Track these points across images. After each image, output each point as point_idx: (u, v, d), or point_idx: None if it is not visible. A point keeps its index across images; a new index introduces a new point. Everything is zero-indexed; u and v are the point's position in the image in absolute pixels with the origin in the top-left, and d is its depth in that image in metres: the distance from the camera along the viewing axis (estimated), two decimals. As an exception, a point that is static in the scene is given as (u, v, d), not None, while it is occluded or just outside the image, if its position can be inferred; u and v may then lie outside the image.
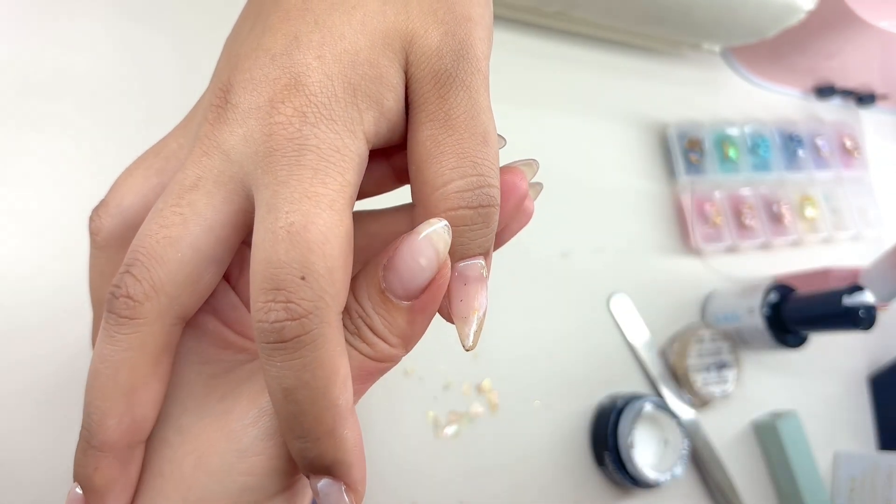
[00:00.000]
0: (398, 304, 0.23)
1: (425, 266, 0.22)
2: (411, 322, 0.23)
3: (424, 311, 0.23)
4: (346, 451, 0.22)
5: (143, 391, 0.23)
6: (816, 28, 0.72)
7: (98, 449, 0.23)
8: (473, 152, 0.23)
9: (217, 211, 0.22)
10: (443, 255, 0.22)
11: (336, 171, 0.21)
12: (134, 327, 0.22)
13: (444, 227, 0.22)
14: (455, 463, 0.55)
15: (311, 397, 0.21)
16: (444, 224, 0.22)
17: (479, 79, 0.24)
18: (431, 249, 0.22)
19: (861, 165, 0.83)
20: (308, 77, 0.22)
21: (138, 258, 0.22)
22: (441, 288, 0.23)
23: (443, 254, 0.22)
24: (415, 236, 0.22)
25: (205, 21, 0.55)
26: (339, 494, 0.23)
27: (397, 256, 0.23)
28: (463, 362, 0.57)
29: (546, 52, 0.72)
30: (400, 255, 0.23)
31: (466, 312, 0.24)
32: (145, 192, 0.26)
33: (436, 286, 0.23)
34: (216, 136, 0.22)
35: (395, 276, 0.23)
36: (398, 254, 0.23)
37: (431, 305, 0.23)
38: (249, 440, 0.23)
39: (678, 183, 0.72)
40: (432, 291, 0.23)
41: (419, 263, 0.22)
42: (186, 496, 0.23)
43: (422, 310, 0.23)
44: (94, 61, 0.51)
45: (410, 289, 0.23)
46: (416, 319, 0.23)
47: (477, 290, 0.24)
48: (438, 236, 0.22)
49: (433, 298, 0.23)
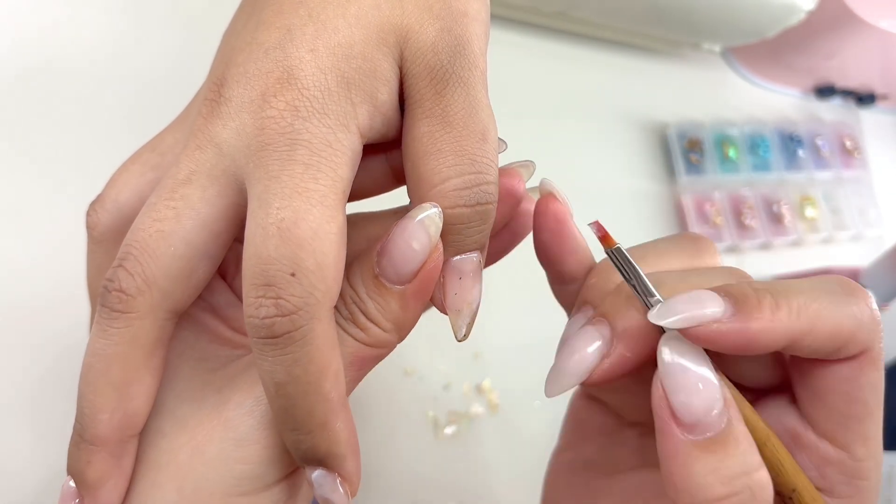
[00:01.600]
0: (391, 289, 0.23)
1: (418, 250, 0.23)
2: (404, 307, 0.24)
3: (417, 296, 0.24)
4: (339, 444, 0.22)
5: (136, 385, 0.23)
6: (816, 28, 0.72)
7: (90, 443, 0.23)
8: (472, 149, 0.23)
9: (210, 205, 0.22)
10: (435, 238, 0.23)
11: (328, 166, 0.21)
12: (126, 321, 0.22)
13: (436, 212, 0.23)
14: (455, 463, 0.54)
15: (302, 391, 0.21)
16: (436, 209, 0.23)
17: (477, 75, 0.24)
18: (424, 233, 0.22)
19: (861, 165, 0.83)
20: (301, 70, 0.22)
21: (131, 252, 0.22)
22: (433, 272, 0.23)
23: (435, 237, 0.23)
24: (408, 221, 0.22)
25: (202, 16, 0.55)
26: (333, 485, 0.23)
27: (390, 241, 0.23)
28: (463, 362, 0.57)
29: (546, 52, 0.71)
30: (393, 240, 0.23)
31: (460, 305, 0.24)
32: (141, 186, 0.26)
33: (428, 270, 0.23)
34: (209, 129, 0.22)
35: (389, 260, 0.23)
36: (391, 239, 0.23)
37: (424, 289, 0.24)
38: (246, 429, 0.23)
39: (678, 183, 0.72)
40: (424, 275, 0.23)
41: (412, 247, 0.22)
42: (182, 486, 0.23)
43: (415, 294, 0.23)
44: (91, 56, 0.51)
45: (403, 273, 0.23)
46: (410, 304, 0.24)
47: (471, 283, 0.24)
48: (431, 220, 0.22)
49: (426, 282, 0.23)
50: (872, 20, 0.71)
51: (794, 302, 0.22)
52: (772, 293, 0.22)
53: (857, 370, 0.23)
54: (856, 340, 0.22)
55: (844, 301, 0.22)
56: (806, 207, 0.77)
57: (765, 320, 0.22)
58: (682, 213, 0.72)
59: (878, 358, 0.23)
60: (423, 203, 0.23)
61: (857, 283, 0.23)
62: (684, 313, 0.22)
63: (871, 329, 0.22)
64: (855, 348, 0.23)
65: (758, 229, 0.73)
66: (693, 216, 0.71)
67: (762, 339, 0.22)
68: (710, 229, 0.71)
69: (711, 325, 0.22)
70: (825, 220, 0.78)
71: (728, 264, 0.27)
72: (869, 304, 0.23)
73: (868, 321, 0.22)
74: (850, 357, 0.23)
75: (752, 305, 0.22)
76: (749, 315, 0.22)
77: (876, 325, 0.23)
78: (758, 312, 0.22)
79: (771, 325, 0.22)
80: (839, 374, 0.23)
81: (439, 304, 0.25)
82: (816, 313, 0.22)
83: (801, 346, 0.22)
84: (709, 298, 0.22)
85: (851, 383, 0.23)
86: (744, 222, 0.73)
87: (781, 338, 0.22)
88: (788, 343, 0.22)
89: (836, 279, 0.23)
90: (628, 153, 0.73)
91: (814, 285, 0.23)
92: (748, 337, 0.22)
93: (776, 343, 0.22)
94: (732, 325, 0.22)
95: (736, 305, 0.22)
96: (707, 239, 0.28)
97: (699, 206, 0.72)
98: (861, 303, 0.22)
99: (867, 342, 0.23)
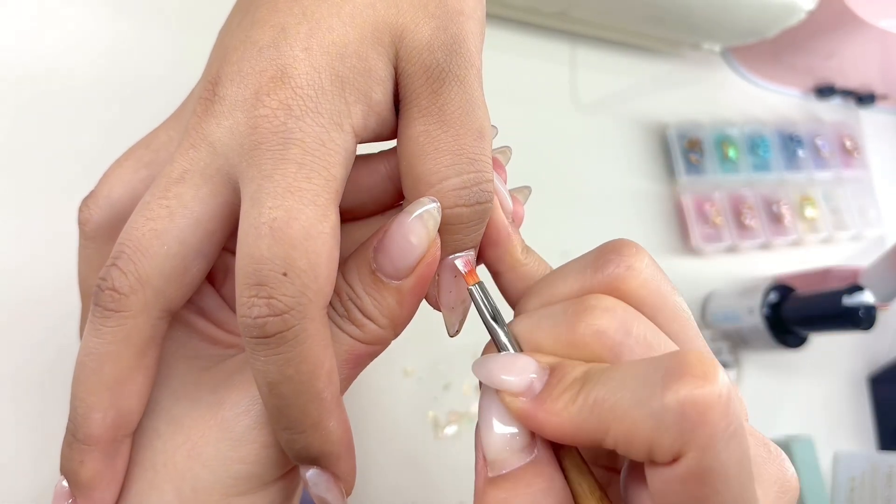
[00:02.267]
0: (388, 284, 0.23)
1: (416, 244, 0.23)
2: (401, 303, 0.23)
3: (414, 291, 0.24)
4: (333, 443, 0.22)
5: (129, 384, 0.23)
6: (816, 28, 0.72)
7: (83, 442, 0.23)
8: (470, 148, 0.23)
9: (204, 204, 0.22)
10: (433, 233, 0.23)
11: (321, 165, 0.21)
12: (119, 320, 0.22)
13: (435, 207, 0.22)
14: (455, 463, 0.54)
15: (295, 391, 0.21)
16: (435, 204, 0.22)
17: (473, 73, 0.23)
18: (422, 228, 0.22)
19: (861, 165, 0.83)
20: (294, 69, 0.22)
21: (124, 251, 0.22)
22: (430, 266, 0.23)
23: (433, 232, 0.23)
24: (406, 216, 0.22)
25: (197, 14, 0.55)
26: (328, 484, 0.23)
27: (388, 236, 0.23)
28: (463, 362, 0.57)
29: (546, 52, 0.71)
30: (391, 235, 0.23)
31: (454, 303, 0.24)
32: (134, 183, 0.26)
33: (425, 265, 0.23)
34: (203, 128, 0.22)
35: (386, 255, 0.23)
36: (389, 234, 0.23)
37: (421, 285, 0.24)
38: (242, 429, 0.23)
39: (678, 183, 0.72)
40: (422, 270, 0.23)
41: (410, 242, 0.22)
42: (180, 487, 0.23)
43: (411, 290, 0.23)
44: (85, 54, 0.51)
45: (401, 267, 0.23)
46: (406, 300, 0.24)
47: (465, 282, 0.24)
48: (429, 215, 0.22)
49: (423, 277, 0.23)
50: (872, 20, 0.71)
51: (594, 395, 0.19)
52: (587, 380, 0.20)
53: (673, 478, 0.18)
54: (658, 445, 0.18)
55: (649, 395, 0.18)
56: (806, 207, 0.77)
57: (551, 413, 0.20)
58: (681, 213, 0.72)
59: (697, 466, 0.17)
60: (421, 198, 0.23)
61: (694, 366, 0.18)
62: (490, 376, 0.21)
63: (680, 431, 0.17)
64: (661, 453, 0.18)
65: (758, 229, 0.73)
66: (693, 216, 0.71)
67: (549, 431, 0.20)
68: (710, 229, 0.71)
69: (505, 397, 0.21)
70: (825, 220, 0.78)
71: (650, 268, 0.23)
72: (683, 397, 0.17)
73: (673, 419, 0.17)
74: (664, 463, 0.18)
75: (550, 393, 0.20)
76: (542, 402, 0.20)
77: (689, 424, 0.17)
78: (551, 403, 0.20)
79: (557, 419, 0.20)
80: (654, 479, 0.19)
81: (433, 301, 0.25)
82: (611, 412, 0.19)
83: (610, 446, 0.19)
84: (520, 369, 0.21)
85: (667, 490, 0.18)
86: (744, 222, 0.73)
87: (570, 436, 0.20)
88: (588, 442, 0.20)
89: (670, 359, 0.18)
90: (628, 153, 0.72)
91: (632, 372, 0.19)
92: (537, 425, 0.20)
93: (568, 439, 0.20)
94: (524, 407, 0.21)
95: (544, 385, 0.21)
96: (615, 245, 0.23)
97: (699, 206, 0.72)
98: (669, 395, 0.17)
99: (677, 446, 0.17)
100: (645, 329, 0.22)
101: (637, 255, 0.23)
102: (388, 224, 0.23)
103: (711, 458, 0.17)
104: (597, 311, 0.21)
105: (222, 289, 0.28)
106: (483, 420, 0.21)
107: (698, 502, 0.18)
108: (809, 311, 0.62)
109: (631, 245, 0.23)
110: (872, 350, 0.76)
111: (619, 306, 0.22)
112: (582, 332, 0.21)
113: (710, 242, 0.71)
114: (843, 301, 0.58)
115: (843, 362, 0.75)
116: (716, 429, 0.17)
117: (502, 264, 0.26)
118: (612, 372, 0.20)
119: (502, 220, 0.25)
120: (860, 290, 0.58)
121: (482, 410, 0.22)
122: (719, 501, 0.18)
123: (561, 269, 0.24)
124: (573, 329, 0.21)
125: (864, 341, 0.76)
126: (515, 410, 0.21)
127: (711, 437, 0.17)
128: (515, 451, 0.21)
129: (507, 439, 0.21)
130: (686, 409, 0.17)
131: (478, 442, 0.22)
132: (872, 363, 0.76)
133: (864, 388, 0.75)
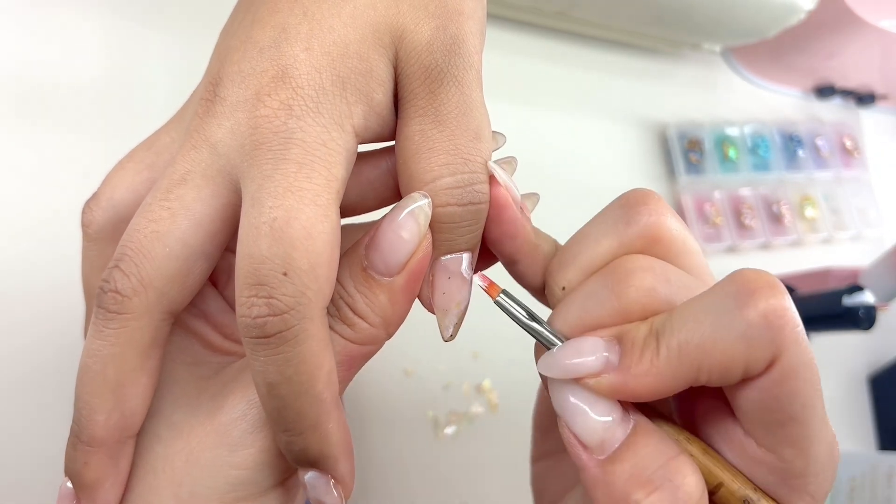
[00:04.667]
0: (380, 281, 0.23)
1: (407, 239, 0.22)
2: (393, 300, 0.23)
3: (406, 288, 0.23)
4: (332, 445, 0.22)
5: (132, 386, 0.23)
6: (816, 28, 0.72)
7: (87, 444, 0.23)
8: (465, 149, 0.23)
9: (205, 205, 0.22)
10: (424, 228, 0.23)
11: (322, 165, 0.21)
12: (122, 322, 0.22)
13: (426, 202, 0.22)
14: (455, 463, 0.54)
15: (294, 392, 0.21)
16: (426, 200, 0.22)
17: (472, 74, 0.23)
18: (413, 223, 0.22)
19: (861, 165, 0.83)
20: (295, 69, 0.22)
21: (127, 253, 0.22)
22: (422, 262, 0.23)
23: (424, 227, 0.23)
24: (397, 211, 0.22)
25: (199, 16, 0.55)
26: (327, 487, 0.23)
27: (379, 232, 0.23)
28: (463, 362, 0.57)
29: (546, 52, 0.71)
30: (382, 231, 0.23)
31: (448, 305, 0.24)
32: (136, 185, 0.26)
33: (417, 260, 0.23)
34: (205, 129, 0.22)
35: (377, 251, 0.23)
36: (380, 230, 0.23)
37: (413, 281, 0.23)
38: (239, 433, 0.23)
39: (678, 183, 0.72)
40: (413, 266, 0.23)
41: (401, 237, 0.22)
42: (178, 492, 0.23)
43: (403, 287, 0.23)
44: (87, 57, 0.51)
45: (392, 263, 0.23)
46: (398, 297, 0.23)
47: (460, 284, 0.24)
48: (420, 210, 0.22)
49: (415, 274, 0.23)
50: (872, 20, 0.71)
51: (675, 340, 0.20)
52: (659, 332, 0.21)
53: (770, 384, 0.20)
54: (754, 360, 0.20)
55: (730, 320, 0.20)
56: (806, 207, 0.77)
57: (640, 375, 0.21)
58: (682, 213, 0.72)
59: (790, 365, 0.20)
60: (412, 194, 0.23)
61: (757, 280, 0.20)
62: (564, 368, 0.22)
63: (771, 339, 0.20)
64: (757, 366, 0.20)
65: (758, 229, 0.73)
66: (693, 216, 0.71)
67: (645, 392, 0.21)
68: (710, 229, 0.71)
69: (588, 382, 0.21)
70: (825, 220, 0.78)
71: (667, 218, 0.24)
72: (764, 308, 0.20)
73: (763, 331, 0.19)
74: (758, 374, 0.20)
75: (631, 357, 0.21)
76: (627, 369, 0.21)
77: (777, 329, 0.19)
78: (637, 366, 0.21)
79: (649, 378, 0.21)
80: (751, 393, 0.21)
81: (427, 302, 0.25)
82: (700, 348, 0.20)
83: (703, 382, 0.21)
84: (590, 350, 0.22)
85: (765, 397, 0.20)
86: (744, 222, 0.73)
87: (668, 387, 0.21)
88: (684, 385, 0.21)
89: (730, 283, 0.20)
90: (628, 153, 0.72)
91: (702, 307, 0.21)
92: (630, 392, 0.21)
93: (665, 392, 0.21)
94: (612, 381, 0.21)
95: (619, 355, 0.21)
96: (640, 196, 0.24)
97: (699, 206, 0.72)
98: (751, 311, 0.20)
99: (770, 354, 0.20)
100: (678, 274, 0.23)
101: (662, 202, 0.24)
102: (379, 221, 0.23)
103: (802, 350, 0.20)
104: (638, 273, 0.22)
105: (225, 290, 0.28)
106: (569, 413, 0.22)
107: (794, 395, 0.20)
108: (809, 311, 0.62)
109: (651, 193, 0.24)
110: (872, 350, 0.76)
111: (654, 262, 0.23)
112: (634, 297, 0.22)
113: (710, 242, 0.71)
114: (843, 301, 0.58)
115: (843, 362, 0.75)
116: (796, 324, 0.20)
117: (520, 253, 0.26)
118: (681, 315, 0.21)
119: (516, 213, 0.25)
120: (860, 290, 0.58)
121: (563, 406, 0.22)
122: (811, 384, 0.20)
123: (588, 233, 0.25)
124: (623, 297, 0.22)
125: (864, 341, 0.76)
126: (605, 388, 0.21)
127: (795, 331, 0.20)
128: (617, 424, 0.21)
129: (603, 420, 0.21)
130: (769, 318, 0.19)
131: (569, 439, 0.22)
132: (872, 363, 0.76)
133: (864, 388, 0.75)
